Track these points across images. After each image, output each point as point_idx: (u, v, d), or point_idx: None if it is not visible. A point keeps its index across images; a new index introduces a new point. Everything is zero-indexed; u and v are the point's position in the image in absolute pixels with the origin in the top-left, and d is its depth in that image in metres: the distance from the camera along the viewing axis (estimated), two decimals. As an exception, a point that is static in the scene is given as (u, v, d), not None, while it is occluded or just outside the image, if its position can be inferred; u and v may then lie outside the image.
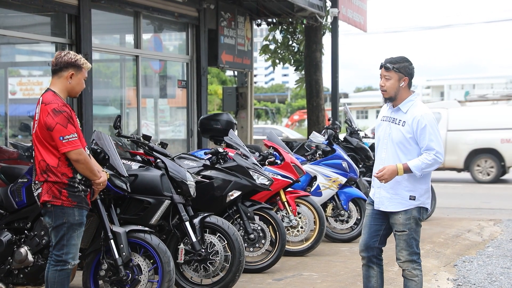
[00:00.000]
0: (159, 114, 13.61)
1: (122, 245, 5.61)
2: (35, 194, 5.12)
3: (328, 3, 13.58)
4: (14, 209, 5.77)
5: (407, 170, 5.22)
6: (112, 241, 5.62)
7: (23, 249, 5.63)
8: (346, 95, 79.86)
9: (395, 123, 5.34)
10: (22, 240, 5.71)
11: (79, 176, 5.11)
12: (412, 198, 5.31)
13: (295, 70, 15.86)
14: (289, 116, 51.32)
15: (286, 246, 7.92)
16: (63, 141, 4.97)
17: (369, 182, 10.10)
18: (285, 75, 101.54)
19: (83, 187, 5.14)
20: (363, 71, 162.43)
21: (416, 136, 5.26)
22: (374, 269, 5.66)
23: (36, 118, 5.05)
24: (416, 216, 5.35)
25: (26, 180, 5.82)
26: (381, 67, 5.41)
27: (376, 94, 77.01)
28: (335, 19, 12.99)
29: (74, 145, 5.00)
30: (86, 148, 5.18)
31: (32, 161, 5.18)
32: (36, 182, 5.10)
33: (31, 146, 10.12)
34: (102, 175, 5.27)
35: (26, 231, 5.73)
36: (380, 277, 5.69)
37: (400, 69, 5.33)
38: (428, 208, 5.44)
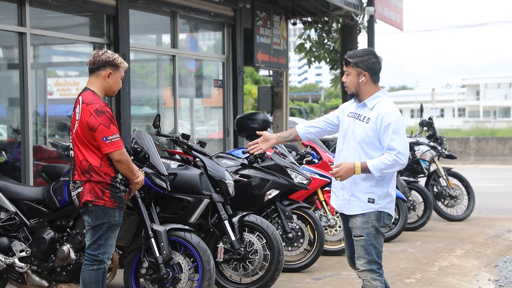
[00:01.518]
0: (194, 114, 13.67)
1: (162, 244, 5.64)
2: (74, 193, 5.13)
3: (364, 2, 13.50)
4: (57, 208, 5.82)
5: (365, 170, 4.82)
6: (152, 239, 5.66)
7: (66, 247, 5.67)
8: (379, 95, 78.92)
9: (359, 120, 4.96)
10: (65, 238, 5.75)
11: (120, 176, 5.14)
12: (371, 201, 4.90)
13: (330, 69, 15.81)
14: (322, 115, 51.13)
15: (325, 246, 7.89)
16: (106, 141, 4.98)
17: (407, 182, 10.03)
18: (318, 74, 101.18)
19: (123, 188, 5.17)
20: (396, 70, 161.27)
21: (379, 135, 4.86)
22: None
23: (77, 118, 5.04)
24: (374, 220, 4.91)
25: (68, 178, 5.87)
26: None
27: (409, 93, 76.62)
28: (371, 18, 12.90)
29: (117, 146, 5.02)
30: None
31: (72, 161, 5.18)
32: (77, 181, 5.09)
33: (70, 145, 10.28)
34: (140, 174, 5.29)
35: (68, 229, 5.77)
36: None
37: (358, 63, 4.94)
38: (391, 214, 4.99)
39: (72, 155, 5.13)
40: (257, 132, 5.40)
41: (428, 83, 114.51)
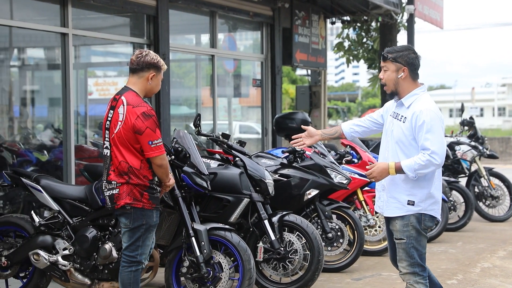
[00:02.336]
0: (232, 113, 13.73)
1: (203, 243, 5.66)
2: (108, 194, 5.09)
3: (404, 0, 13.40)
4: (99, 206, 5.87)
5: (399, 170, 4.69)
6: (193, 238, 5.68)
7: (108, 245, 5.72)
8: (418, 94, 78.23)
9: (397, 119, 4.83)
10: (107, 236, 5.80)
11: (156, 179, 5.16)
12: (411, 203, 4.75)
13: (368, 67, 15.73)
14: (360, 115, 50.89)
15: (364, 246, 7.85)
16: (152, 145, 4.96)
17: (447, 182, 9.92)
18: (355, 73, 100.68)
19: (159, 189, 5.19)
20: (435, 69, 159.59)
21: (415, 134, 4.73)
22: None
23: (120, 119, 4.97)
24: (415, 223, 4.76)
25: (110, 177, 5.93)
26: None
27: (448, 93, 75.74)
28: (411, 16, 12.81)
29: (161, 150, 5.02)
30: None
31: (108, 161, 5.15)
32: (113, 182, 5.05)
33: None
34: (171, 177, 5.31)
35: (110, 228, 5.82)
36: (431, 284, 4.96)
37: (397, 58, 4.78)
38: (435, 215, 4.82)
39: (108, 155, 5.09)
40: (302, 126, 5.33)
41: (467, 82, 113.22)
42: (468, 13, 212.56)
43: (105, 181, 5.13)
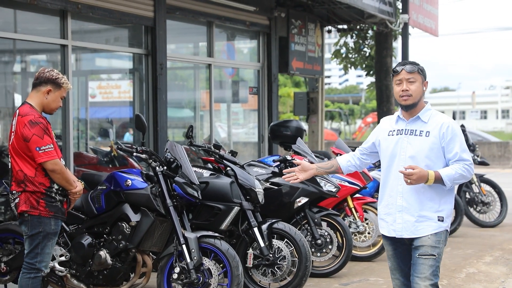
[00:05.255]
0: (232, 117, 13.99)
1: (193, 250, 5.91)
2: (12, 204, 5.22)
3: (399, 7, 13.63)
4: (94, 215, 6.17)
5: (438, 179, 4.53)
6: (184, 246, 5.93)
7: (102, 252, 6.01)
8: (421, 96, 78.32)
9: (416, 135, 4.66)
10: (101, 243, 6.09)
11: (55, 186, 5.22)
12: (441, 219, 4.63)
13: (366, 74, 15.97)
14: (362, 118, 51.06)
15: (354, 252, 8.11)
16: (40, 151, 5.08)
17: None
18: (359, 76, 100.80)
19: (60, 198, 5.25)
20: (439, 71, 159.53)
21: (443, 145, 4.61)
22: None
23: (13, 130, 5.17)
24: (444, 240, 4.66)
25: (105, 187, 6.21)
26: (396, 71, 4.73)
27: (451, 95, 75.85)
28: (405, 25, 13.05)
29: (50, 156, 5.11)
30: (61, 159, 5.26)
31: (10, 172, 5.30)
32: (14, 192, 5.21)
33: (110, 152, 10.66)
34: (78, 185, 5.37)
35: (105, 235, 6.11)
36: None
37: (423, 71, 4.72)
38: (448, 231, 4.76)
39: (10, 166, 5.26)
40: (294, 161, 5.08)
41: (471, 84, 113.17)
42: (473, 17, 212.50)
43: (10, 193, 5.29)
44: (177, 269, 5.94)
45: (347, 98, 68.37)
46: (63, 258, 6.07)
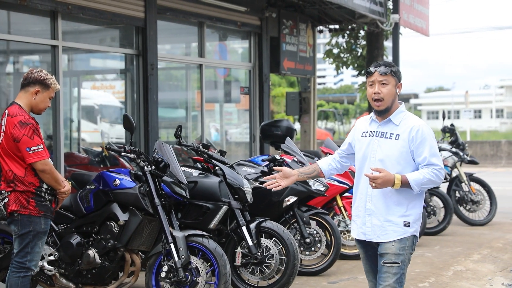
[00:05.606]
0: (225, 117, 14.06)
1: (181, 249, 5.96)
2: (1, 204, 5.29)
3: (390, 7, 13.70)
4: (83, 214, 6.22)
5: (405, 184, 4.46)
6: (172, 244, 5.98)
7: (91, 251, 6.06)
8: (416, 96, 78.76)
9: (386, 138, 4.59)
10: (90, 243, 6.14)
11: (45, 186, 5.30)
12: (407, 224, 4.54)
13: (358, 74, 16.02)
14: (357, 117, 51.17)
15: (343, 250, 8.18)
16: (30, 151, 5.15)
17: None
18: (354, 75, 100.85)
19: (49, 197, 5.33)
20: (433, 71, 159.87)
21: (412, 149, 4.54)
22: None
23: (2, 130, 5.24)
24: (410, 246, 4.57)
25: (93, 187, 6.26)
26: (369, 72, 4.63)
27: (447, 95, 75.94)
28: (396, 25, 13.11)
29: (40, 156, 5.18)
30: (50, 159, 5.31)
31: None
32: (2, 191, 5.27)
33: (101, 152, 10.70)
34: (66, 184, 5.43)
35: (93, 235, 6.16)
36: None
37: (396, 72, 4.60)
38: (417, 236, 4.67)
39: None
40: (274, 168, 4.92)
41: (466, 84, 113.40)
42: (468, 17, 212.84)
43: None
44: (165, 268, 5.98)
45: (342, 98, 68.50)
46: (52, 258, 6.12)
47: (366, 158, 4.66)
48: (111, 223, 6.12)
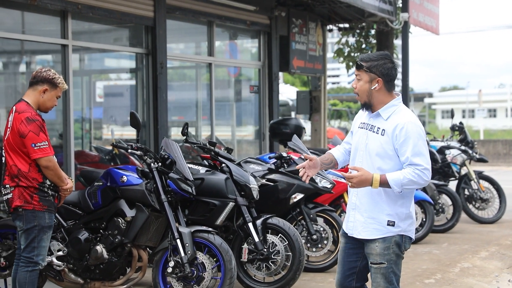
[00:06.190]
0: (236, 115, 14.13)
1: (187, 244, 6.04)
2: (5, 198, 5.37)
3: (400, 6, 13.73)
4: (91, 210, 6.32)
5: (384, 183, 4.30)
6: (178, 240, 6.06)
7: (99, 247, 6.16)
8: (430, 95, 78.46)
9: (373, 131, 4.46)
10: (98, 238, 6.24)
11: (48, 182, 5.38)
12: (391, 223, 4.39)
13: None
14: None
15: (349, 247, 8.21)
16: (35, 148, 5.26)
17: (436, 185, 10.26)
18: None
19: (52, 192, 5.42)
20: (449, 70, 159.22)
21: (396, 147, 4.37)
22: None
23: (9, 126, 5.36)
24: (395, 246, 4.41)
25: (101, 183, 6.35)
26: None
27: (460, 94, 75.59)
28: (405, 24, 13.14)
29: (45, 152, 5.29)
30: (54, 157, 5.39)
31: (4, 166, 5.44)
32: (7, 186, 5.36)
33: (111, 150, 10.81)
34: (69, 182, 5.53)
35: (101, 230, 6.26)
36: None
37: (371, 68, 4.40)
38: (412, 237, 4.52)
39: (4, 161, 5.42)
40: (306, 156, 4.92)
41: (480, 82, 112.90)
42: (481, 15, 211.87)
43: (2, 187, 5.43)
44: (171, 263, 6.06)
45: (356, 97, 68.37)
46: (60, 253, 6.22)
47: (357, 150, 4.56)
48: (119, 219, 6.21)
